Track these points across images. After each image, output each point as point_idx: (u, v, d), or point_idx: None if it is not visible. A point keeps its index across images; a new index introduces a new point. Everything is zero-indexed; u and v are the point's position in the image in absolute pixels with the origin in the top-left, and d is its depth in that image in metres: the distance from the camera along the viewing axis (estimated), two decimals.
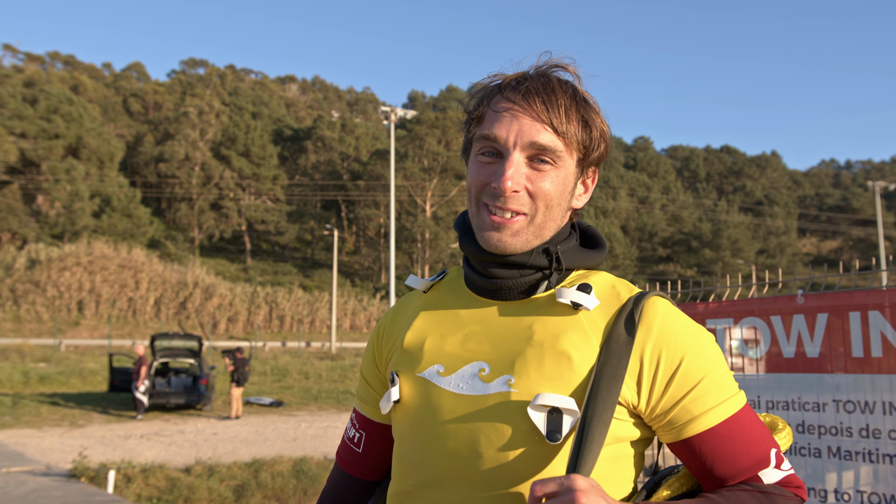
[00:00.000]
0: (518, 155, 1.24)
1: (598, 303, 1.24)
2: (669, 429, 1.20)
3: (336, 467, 1.52)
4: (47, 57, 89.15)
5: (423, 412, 1.27)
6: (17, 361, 32.43)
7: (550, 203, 1.26)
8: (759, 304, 3.35)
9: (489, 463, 1.19)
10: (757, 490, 1.16)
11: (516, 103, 1.24)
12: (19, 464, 11.58)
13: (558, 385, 1.18)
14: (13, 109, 58.75)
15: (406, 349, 1.34)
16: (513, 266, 1.27)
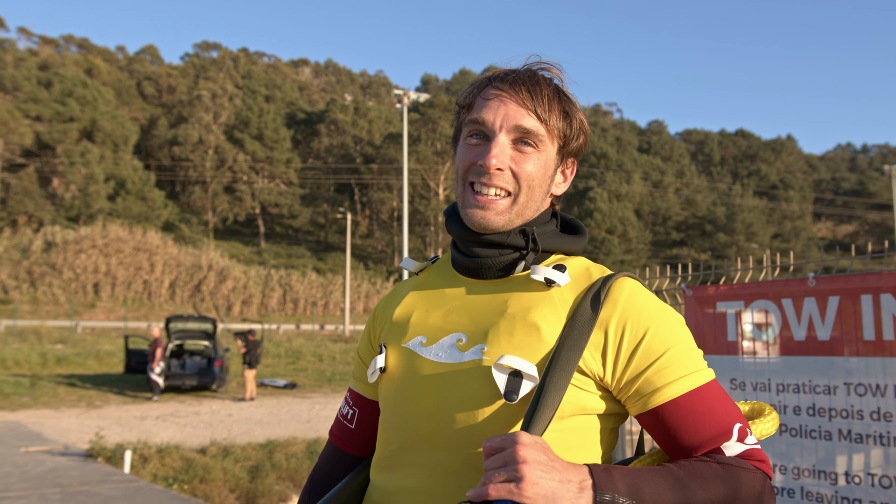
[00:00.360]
0: (503, 137, 1.33)
1: (570, 280, 1.33)
2: (635, 400, 1.26)
3: (329, 444, 1.59)
4: (61, 40, 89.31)
5: (405, 379, 1.36)
6: (35, 343, 32.76)
7: (532, 184, 1.35)
8: (771, 287, 3.35)
9: (460, 425, 1.27)
10: (716, 461, 1.19)
11: (504, 91, 1.34)
12: (38, 444, 11.73)
13: (526, 353, 1.25)
14: (28, 93, 59.00)
15: (394, 322, 1.44)
16: (492, 245, 1.36)
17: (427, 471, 1.29)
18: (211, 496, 8.76)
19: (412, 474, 1.31)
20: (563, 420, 1.25)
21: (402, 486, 1.32)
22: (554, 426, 1.23)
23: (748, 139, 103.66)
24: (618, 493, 1.09)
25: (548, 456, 1.08)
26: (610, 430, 1.32)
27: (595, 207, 68.13)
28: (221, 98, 68.72)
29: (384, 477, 1.37)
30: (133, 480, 8.93)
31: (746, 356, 3.44)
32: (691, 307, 3.66)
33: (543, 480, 1.05)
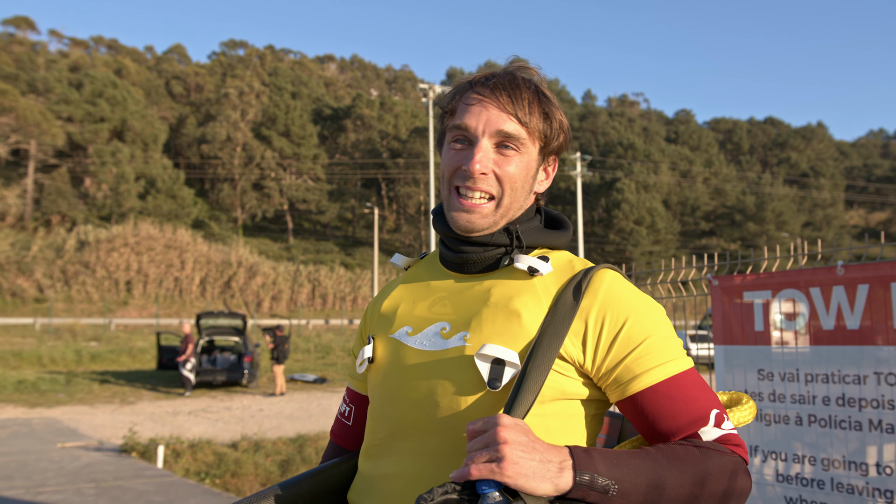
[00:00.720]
0: (486, 141, 1.37)
1: (552, 270, 1.36)
2: (615, 387, 1.29)
3: (329, 442, 1.65)
4: (91, 41, 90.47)
5: (391, 369, 1.40)
6: (70, 341, 33.30)
7: (515, 185, 1.39)
8: (798, 276, 3.30)
9: (444, 411, 1.29)
10: (693, 445, 1.22)
11: (485, 97, 1.38)
12: (73, 439, 11.92)
13: (508, 340, 1.28)
14: (60, 94, 59.83)
15: (382, 315, 1.49)
16: (478, 244, 1.40)
17: (412, 456, 1.32)
18: (242, 490, 8.85)
19: (397, 460, 1.34)
20: (544, 405, 1.27)
21: (386, 471, 1.35)
22: (535, 411, 1.26)
23: (777, 127, 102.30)
24: (597, 473, 1.12)
25: (528, 437, 1.11)
26: (592, 416, 1.35)
27: (623, 198, 67.70)
28: (248, 95, 69.18)
29: (370, 465, 1.40)
30: (166, 475, 9.04)
31: (774, 346, 3.40)
32: (717, 297, 3.62)
33: (524, 460, 1.08)
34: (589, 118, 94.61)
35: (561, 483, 1.09)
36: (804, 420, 3.24)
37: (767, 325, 3.41)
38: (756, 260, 3.67)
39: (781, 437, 3.33)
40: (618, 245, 67.05)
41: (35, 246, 45.11)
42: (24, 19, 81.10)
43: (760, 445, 3.40)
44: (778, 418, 3.34)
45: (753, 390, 3.44)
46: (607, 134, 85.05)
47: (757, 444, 3.42)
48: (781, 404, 3.33)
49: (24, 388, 19.51)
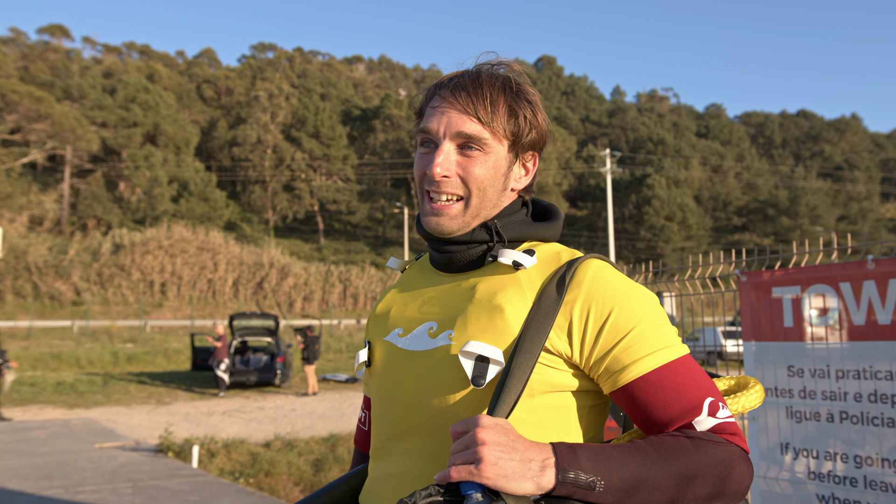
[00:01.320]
0: (448, 144, 1.36)
1: (537, 263, 1.34)
2: (605, 378, 1.27)
3: (355, 449, 1.67)
4: (124, 47, 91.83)
5: (385, 371, 1.41)
6: (107, 343, 33.82)
7: (482, 185, 1.36)
8: (828, 271, 3.26)
9: (435, 411, 1.30)
10: (685, 436, 1.19)
11: (446, 98, 1.37)
12: (111, 439, 12.12)
13: (492, 336, 1.27)
14: (94, 100, 60.76)
15: (377, 318, 1.51)
16: (459, 242, 1.39)
17: (410, 457, 1.33)
18: (276, 489, 8.93)
19: (398, 461, 1.35)
20: (533, 398, 1.26)
21: (388, 472, 1.37)
22: (525, 405, 1.25)
23: (810, 120, 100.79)
24: (581, 470, 1.10)
25: (508, 437, 1.11)
26: (590, 407, 1.33)
27: (653, 194, 67.13)
28: (278, 98, 69.69)
29: (376, 466, 1.42)
30: (200, 475, 9.16)
31: (804, 342, 3.36)
32: (746, 293, 3.59)
33: (503, 461, 1.07)
34: (618, 114, 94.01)
35: (543, 482, 1.08)
36: (836, 417, 3.20)
37: (797, 321, 3.37)
38: (786, 255, 3.63)
39: (813, 435, 3.30)
40: (649, 242, 66.51)
41: (72, 250, 45.84)
42: (59, 27, 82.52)
43: (792, 443, 3.37)
44: (809, 415, 3.30)
45: (784, 387, 3.40)
46: (637, 130, 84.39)
47: (788, 442, 3.39)
48: (812, 401, 3.29)
49: (63, 389, 19.87)
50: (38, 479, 8.78)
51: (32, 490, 8.19)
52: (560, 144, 66.99)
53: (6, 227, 43.51)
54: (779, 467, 3.40)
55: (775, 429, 3.43)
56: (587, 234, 71.29)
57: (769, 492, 3.43)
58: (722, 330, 5.28)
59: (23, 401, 17.90)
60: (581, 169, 72.87)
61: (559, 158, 68.82)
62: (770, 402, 3.46)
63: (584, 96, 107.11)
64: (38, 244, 45.34)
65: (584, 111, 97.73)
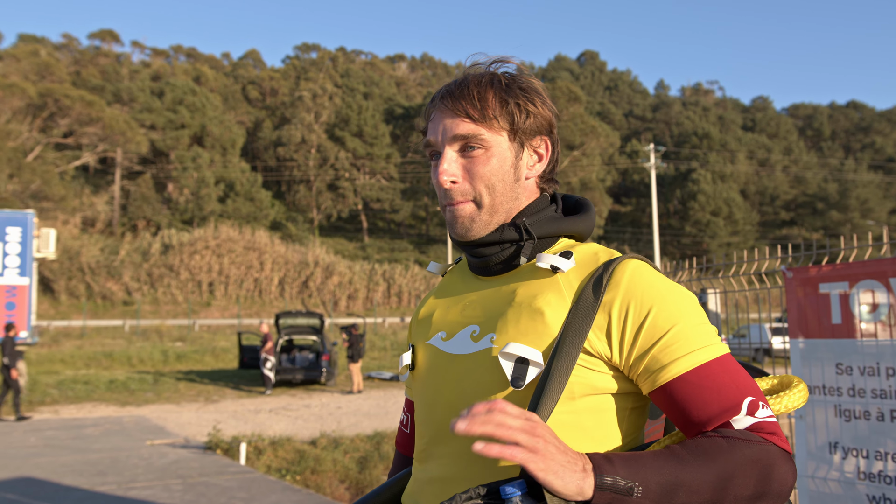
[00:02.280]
0: (449, 151, 1.37)
1: (574, 265, 1.34)
2: (644, 378, 1.26)
3: (395, 452, 1.68)
4: (171, 51, 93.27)
5: (429, 374, 1.43)
6: (157, 341, 34.51)
7: (491, 182, 1.37)
8: (877, 266, 3.19)
9: None
10: (721, 436, 1.18)
11: (437, 108, 1.40)
12: (161, 437, 12.36)
13: (532, 339, 1.28)
14: (143, 103, 61.96)
15: (420, 322, 1.53)
16: (490, 244, 1.40)
17: (454, 460, 1.33)
18: (322, 487, 9.02)
19: (441, 464, 1.36)
20: (574, 401, 1.26)
21: (433, 475, 1.37)
22: (566, 408, 1.26)
23: (861, 111, 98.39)
24: (618, 476, 1.10)
25: (556, 438, 1.11)
26: (630, 409, 1.33)
27: (699, 189, 66.23)
28: (322, 98, 70.25)
29: (420, 469, 1.43)
30: (248, 472, 9.29)
31: (853, 339, 3.29)
32: (792, 289, 3.53)
33: (555, 456, 1.08)
34: (662, 108, 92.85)
35: (585, 486, 1.08)
36: (886, 416, 3.13)
37: (846, 318, 3.30)
38: (834, 250, 3.56)
39: (863, 434, 3.23)
40: (694, 237, 65.61)
41: (123, 250, 46.85)
42: (109, 32, 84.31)
43: (841, 442, 3.31)
44: (859, 414, 3.23)
45: (832, 385, 3.34)
46: (681, 124, 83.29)
47: (837, 441, 3.32)
48: (862, 399, 3.22)
49: (115, 387, 20.32)
50: (92, 475, 8.99)
51: (87, 486, 8.39)
52: (603, 140, 66.37)
53: (60, 228, 44.60)
54: (828, 467, 3.34)
55: (823, 428, 3.36)
56: (631, 230, 70.59)
57: (818, 492, 3.37)
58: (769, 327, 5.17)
59: (77, 398, 18.35)
60: (625, 164, 72.18)
61: (602, 154, 68.22)
62: (818, 401, 3.39)
63: (628, 91, 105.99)
64: (91, 245, 46.42)
65: (628, 106, 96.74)
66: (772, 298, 4.19)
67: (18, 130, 52.34)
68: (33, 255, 29.26)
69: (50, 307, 42.10)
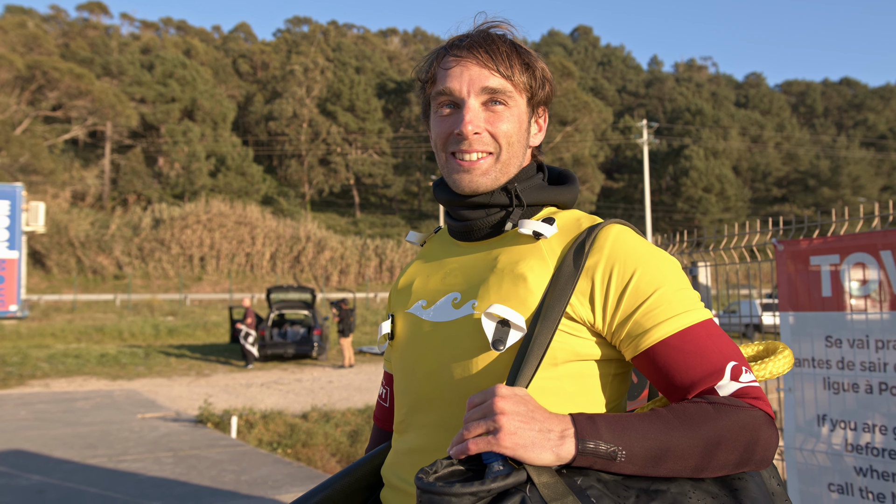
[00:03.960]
0: (473, 101, 1.35)
1: (557, 231, 1.33)
2: (627, 343, 1.25)
3: (373, 426, 1.68)
4: (161, 23, 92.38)
5: (408, 343, 1.42)
6: (148, 316, 34.47)
7: (511, 140, 1.36)
8: (867, 239, 3.18)
9: (457, 381, 1.30)
10: (706, 402, 1.17)
11: (463, 57, 1.36)
12: (152, 410, 12.37)
13: (515, 304, 1.26)
14: (133, 76, 61.41)
15: (399, 291, 1.52)
16: (478, 207, 1.38)
17: (433, 429, 1.33)
18: (313, 460, 9.05)
19: (421, 434, 1.35)
20: (556, 367, 1.25)
21: (412, 446, 1.37)
22: (548, 374, 1.25)
23: (854, 88, 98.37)
24: (601, 440, 1.09)
25: (527, 406, 1.09)
26: (613, 375, 1.32)
27: (691, 165, 66.28)
28: (313, 72, 69.76)
29: (399, 440, 1.42)
30: (239, 445, 9.32)
31: (843, 312, 3.29)
32: (783, 262, 3.52)
33: (522, 430, 1.06)
34: (655, 84, 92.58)
35: (563, 452, 1.07)
36: (875, 388, 3.14)
37: (835, 291, 3.30)
38: (825, 224, 3.55)
39: (851, 407, 3.24)
40: (686, 213, 65.75)
41: (113, 225, 46.63)
42: (98, 4, 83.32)
43: (829, 414, 3.32)
44: (847, 387, 3.24)
45: (821, 358, 3.34)
46: (674, 100, 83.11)
47: (825, 413, 3.33)
48: (851, 372, 3.23)
49: (107, 361, 20.30)
50: (83, 448, 9.00)
51: (77, 458, 8.40)
52: (596, 115, 66.22)
53: (49, 202, 44.37)
54: (815, 439, 3.36)
55: (812, 401, 3.37)
56: (624, 205, 70.66)
57: (806, 464, 3.39)
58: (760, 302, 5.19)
59: (68, 372, 18.33)
60: (617, 140, 72.07)
61: (595, 130, 68.08)
62: (807, 374, 3.40)
63: (621, 67, 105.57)
64: (81, 219, 46.19)
65: (621, 82, 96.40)
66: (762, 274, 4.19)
67: (6, 103, 51.85)
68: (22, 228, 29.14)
69: (41, 281, 41.96)
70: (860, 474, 3.16)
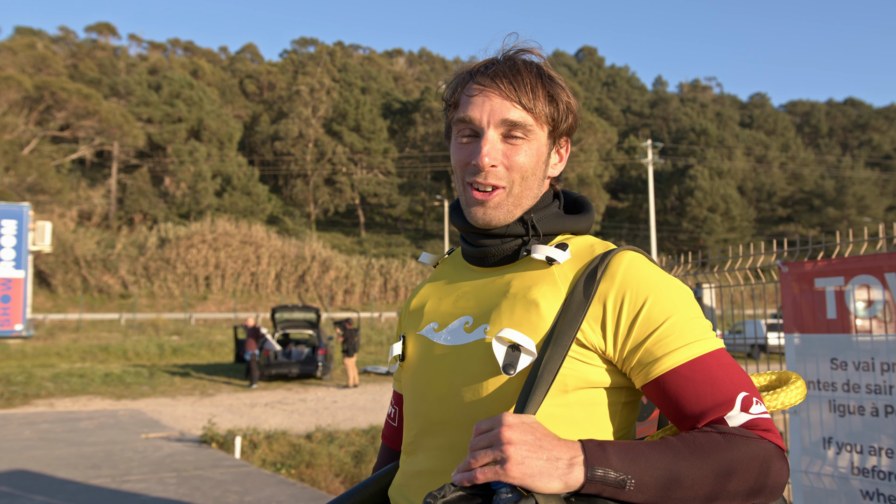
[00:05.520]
0: (492, 132, 1.34)
1: (570, 257, 1.34)
2: (638, 371, 1.24)
3: (382, 445, 1.66)
4: (168, 44, 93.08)
5: (419, 365, 1.41)
6: (153, 335, 34.45)
7: (525, 174, 1.36)
8: (873, 261, 3.18)
9: (467, 405, 1.29)
10: (717, 432, 1.16)
11: (486, 86, 1.35)
12: (156, 430, 12.34)
13: (526, 329, 1.26)
14: (140, 96, 61.78)
15: (411, 313, 1.52)
16: (495, 236, 1.39)
17: (443, 452, 1.32)
18: (317, 480, 9.01)
19: (430, 457, 1.35)
20: (567, 394, 1.25)
21: (421, 468, 1.36)
22: (558, 401, 1.24)
23: (858, 108, 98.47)
24: (610, 468, 1.08)
25: (535, 434, 1.09)
26: (623, 404, 1.31)
27: (696, 185, 66.29)
28: (319, 92, 70.11)
29: (408, 461, 1.41)
30: (243, 465, 9.28)
31: (848, 334, 3.28)
32: (788, 284, 3.52)
33: (529, 459, 1.06)
34: (660, 104, 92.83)
35: (571, 480, 1.06)
36: (881, 411, 3.13)
37: (841, 313, 3.29)
38: (830, 245, 3.55)
39: (858, 429, 3.22)
40: (691, 233, 65.67)
41: (119, 244, 46.75)
42: (107, 25, 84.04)
43: (835, 437, 3.30)
44: (853, 409, 3.23)
45: (826, 380, 3.33)
46: (679, 120, 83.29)
47: (832, 436, 3.31)
48: (856, 395, 3.22)
49: (111, 380, 20.29)
50: (87, 468, 8.98)
51: (81, 479, 8.38)
52: (601, 135, 66.37)
53: (56, 221, 44.52)
54: (822, 462, 3.34)
55: (818, 423, 3.36)
56: (628, 225, 70.62)
57: (812, 487, 3.37)
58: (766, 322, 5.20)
59: (72, 391, 18.32)
60: (622, 160, 72.17)
61: (600, 150, 68.20)
62: (813, 396, 3.39)
63: (626, 87, 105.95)
64: (87, 238, 46.33)
65: (626, 102, 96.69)
66: (767, 294, 4.18)
67: (14, 123, 52.19)
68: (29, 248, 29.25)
69: (46, 300, 42.03)
70: (867, 498, 3.14)
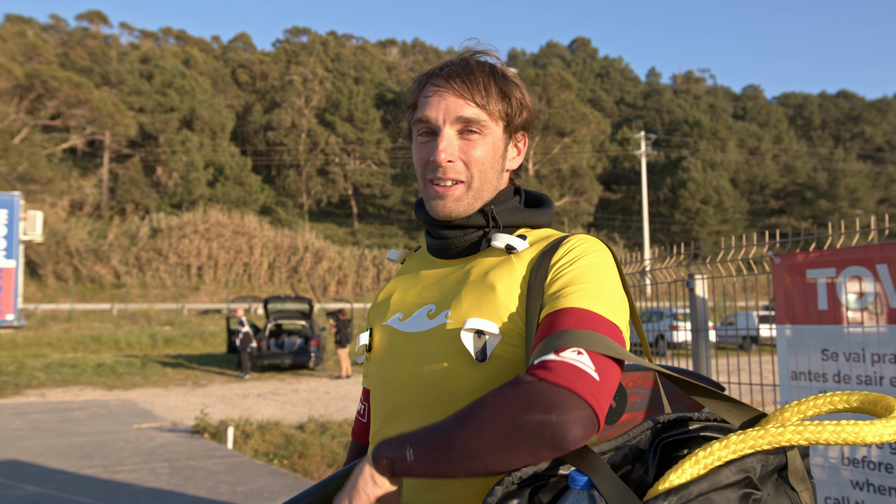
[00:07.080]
0: (448, 130, 1.41)
1: (528, 245, 1.39)
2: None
3: (352, 442, 1.70)
4: (160, 33, 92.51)
5: (385, 354, 1.46)
6: (145, 325, 34.37)
7: (483, 167, 1.42)
8: (864, 252, 3.19)
9: (430, 388, 1.33)
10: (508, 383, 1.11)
11: (441, 87, 1.42)
12: (148, 420, 12.33)
13: (486, 311, 1.30)
14: (131, 85, 61.44)
15: (378, 305, 1.57)
16: (456, 227, 1.45)
17: None
18: (309, 470, 9.01)
19: None
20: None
21: None
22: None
23: (851, 100, 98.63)
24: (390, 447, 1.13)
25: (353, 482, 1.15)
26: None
27: (689, 177, 66.37)
28: (312, 82, 69.87)
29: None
30: (235, 455, 9.29)
31: (839, 326, 3.30)
32: (780, 275, 3.53)
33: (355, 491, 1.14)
34: (653, 96, 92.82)
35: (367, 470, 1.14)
36: None
37: (832, 304, 3.30)
38: (822, 237, 3.56)
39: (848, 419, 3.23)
40: (684, 225, 65.81)
41: (111, 234, 46.59)
42: (98, 13, 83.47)
43: None
44: None
45: (817, 371, 3.34)
46: (672, 112, 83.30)
47: None
48: (847, 385, 3.23)
49: (103, 371, 20.26)
50: (79, 459, 8.97)
51: (73, 469, 8.37)
52: (594, 127, 66.32)
53: (47, 211, 44.33)
54: (812, 453, 3.35)
55: None
56: (621, 217, 70.72)
57: None
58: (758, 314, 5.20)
59: (64, 382, 18.28)
60: (615, 152, 72.21)
61: (593, 141, 68.19)
62: (803, 387, 3.40)
63: (619, 78, 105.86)
64: (79, 228, 46.15)
65: (619, 93, 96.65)
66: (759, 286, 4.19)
67: (5, 112, 51.87)
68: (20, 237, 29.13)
69: (37, 290, 41.88)
70: (857, 488, 3.16)
